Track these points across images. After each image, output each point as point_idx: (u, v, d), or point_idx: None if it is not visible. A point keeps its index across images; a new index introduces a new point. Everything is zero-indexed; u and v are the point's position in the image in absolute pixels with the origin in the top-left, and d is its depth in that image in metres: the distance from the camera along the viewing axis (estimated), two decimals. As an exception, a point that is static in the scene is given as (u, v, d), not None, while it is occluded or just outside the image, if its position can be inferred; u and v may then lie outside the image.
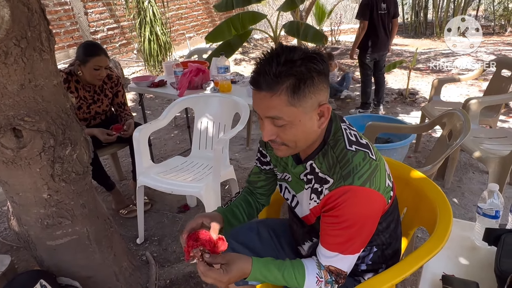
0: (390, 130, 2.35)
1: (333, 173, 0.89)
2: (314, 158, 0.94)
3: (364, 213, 0.88)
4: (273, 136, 0.88)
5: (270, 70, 0.81)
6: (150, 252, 2.07)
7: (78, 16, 5.19)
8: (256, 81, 0.83)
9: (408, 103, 4.19)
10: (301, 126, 0.86)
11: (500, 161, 1.97)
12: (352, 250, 0.92)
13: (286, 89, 0.81)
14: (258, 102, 0.86)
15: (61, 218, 1.36)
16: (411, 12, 8.18)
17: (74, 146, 1.25)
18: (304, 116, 0.85)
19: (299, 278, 0.92)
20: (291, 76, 0.81)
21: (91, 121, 2.33)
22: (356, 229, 0.89)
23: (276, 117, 0.84)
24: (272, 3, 8.81)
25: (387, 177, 0.94)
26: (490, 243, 1.09)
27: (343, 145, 0.90)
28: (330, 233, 0.91)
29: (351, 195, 0.85)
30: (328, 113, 0.89)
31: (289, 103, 0.82)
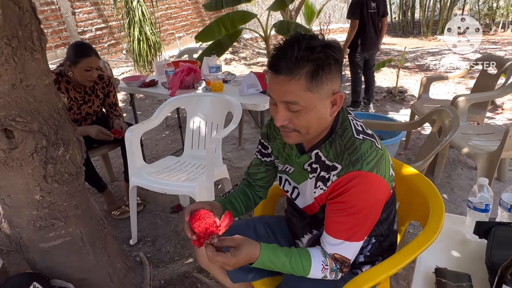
0: (381, 128, 2.38)
1: (342, 160, 0.90)
2: (320, 147, 0.96)
3: (371, 199, 0.90)
4: (286, 122, 0.89)
5: (292, 54, 0.81)
6: (144, 253, 2.05)
7: (66, 16, 5.12)
8: (275, 64, 0.84)
9: (397, 101, 4.25)
10: (315, 112, 0.87)
11: (488, 156, 2.02)
12: (357, 237, 0.93)
13: (305, 74, 0.82)
14: (275, 87, 0.86)
15: (54, 220, 1.34)
16: (398, 12, 8.29)
17: (67, 147, 1.24)
18: (319, 103, 0.86)
19: (305, 265, 0.93)
20: (311, 61, 0.82)
21: (82, 122, 2.30)
22: (363, 215, 0.90)
23: (293, 102, 0.85)
24: (261, 3, 8.82)
25: (390, 167, 0.96)
26: (481, 236, 1.12)
27: (351, 134, 0.92)
28: (337, 219, 0.92)
29: (361, 180, 0.87)
30: (341, 102, 0.90)
31: (307, 88, 0.83)
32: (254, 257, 0.91)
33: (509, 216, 1.13)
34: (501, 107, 3.79)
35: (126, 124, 2.29)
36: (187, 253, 2.04)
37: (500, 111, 3.72)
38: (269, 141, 1.13)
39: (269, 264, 0.93)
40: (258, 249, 0.91)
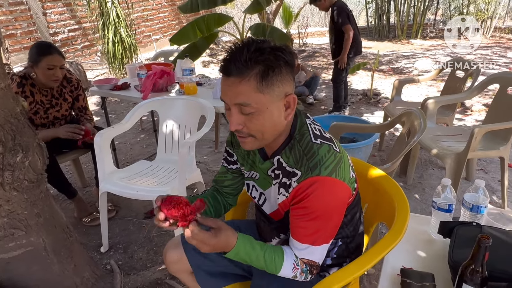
0: (353, 130, 2.42)
1: (301, 166, 0.91)
2: (280, 153, 0.96)
3: (331, 203, 0.91)
4: (240, 126, 0.89)
5: (241, 57, 0.83)
6: (115, 260, 2.00)
7: (36, 17, 4.96)
8: (226, 67, 0.85)
9: (372, 104, 4.33)
10: (268, 115, 0.87)
11: (455, 157, 2.08)
12: (322, 241, 0.94)
13: (255, 75, 0.83)
14: (227, 89, 0.86)
15: (13, 229, 1.28)
16: (374, 16, 8.47)
17: (26, 153, 1.18)
18: (271, 105, 0.86)
19: (278, 262, 0.93)
20: (261, 62, 0.83)
21: (50, 126, 2.22)
22: (325, 219, 0.91)
23: (244, 104, 0.85)
24: (240, 6, 8.83)
25: (351, 169, 0.97)
26: (445, 235, 1.14)
27: (309, 138, 0.93)
28: (300, 225, 0.93)
29: (319, 185, 0.88)
30: (294, 104, 0.91)
31: (257, 89, 0.84)
32: (231, 244, 0.90)
33: (470, 215, 1.16)
34: (470, 108, 3.93)
35: (96, 130, 2.22)
36: (160, 259, 2.00)
37: (470, 113, 3.85)
38: (233, 149, 1.13)
39: (244, 255, 0.92)
40: (236, 238, 0.91)
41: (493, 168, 2.74)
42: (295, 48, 7.40)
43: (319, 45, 7.92)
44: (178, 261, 1.23)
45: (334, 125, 2.12)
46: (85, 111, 2.33)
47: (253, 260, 0.93)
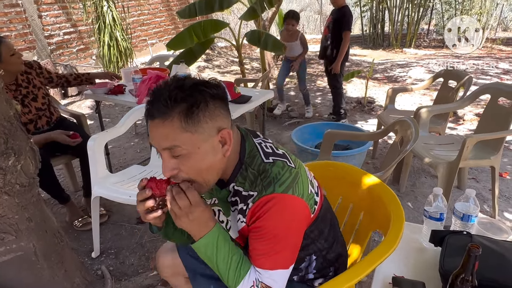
0: (347, 138, 2.43)
1: (255, 186, 0.87)
2: (234, 180, 0.91)
3: (288, 221, 0.86)
4: (175, 171, 0.82)
5: (161, 97, 0.78)
6: (106, 266, 1.98)
7: (32, 19, 4.94)
8: (149, 110, 0.80)
9: (366, 111, 4.36)
10: (202, 155, 0.82)
11: (447, 166, 2.10)
12: (281, 265, 0.88)
13: (178, 114, 0.78)
14: (154, 133, 0.81)
15: (3, 234, 1.26)
16: (369, 25, 8.58)
17: (18, 156, 1.18)
18: (203, 144, 0.81)
19: (242, 272, 0.87)
20: (183, 100, 0.78)
21: (37, 121, 2.20)
22: (282, 240, 0.86)
23: (172, 146, 0.80)
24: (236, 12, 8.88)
25: (309, 184, 0.93)
26: (436, 244, 1.15)
27: (260, 160, 0.89)
28: (257, 247, 0.88)
29: (275, 202, 0.84)
30: (230, 139, 0.85)
31: (183, 128, 0.79)
32: (209, 225, 0.87)
33: (461, 224, 1.18)
34: (462, 118, 3.98)
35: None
36: (152, 265, 1.98)
37: (462, 122, 3.90)
38: None
39: (212, 249, 0.86)
40: (214, 222, 0.88)
41: (484, 177, 2.77)
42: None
43: (314, 52, 7.98)
44: (171, 265, 1.22)
45: (328, 133, 2.13)
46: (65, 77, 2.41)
47: (219, 259, 0.87)
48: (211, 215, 0.88)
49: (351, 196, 1.35)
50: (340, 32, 3.55)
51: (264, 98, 2.54)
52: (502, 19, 9.09)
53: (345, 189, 1.36)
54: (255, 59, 7.50)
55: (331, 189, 1.35)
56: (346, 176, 1.38)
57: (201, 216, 0.85)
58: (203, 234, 0.86)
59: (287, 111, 4.35)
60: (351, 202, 1.36)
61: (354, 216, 1.34)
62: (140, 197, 0.86)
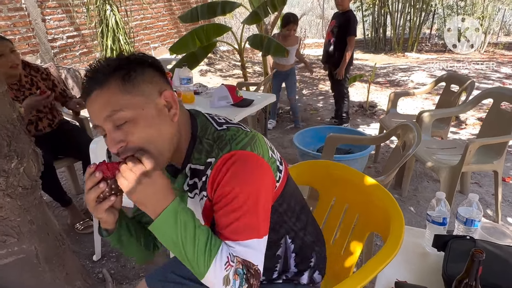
0: (349, 142, 2.43)
1: (212, 151, 0.81)
2: (190, 159, 0.84)
3: (252, 179, 0.77)
4: (122, 143, 0.75)
5: (95, 72, 0.76)
6: (108, 269, 1.97)
7: (35, 23, 4.97)
8: (85, 87, 0.76)
9: (368, 115, 4.36)
10: (148, 120, 0.75)
11: (450, 170, 2.09)
12: (253, 233, 0.78)
13: (115, 79, 0.75)
14: (93, 108, 0.75)
15: (5, 236, 1.26)
16: (371, 29, 8.59)
17: (21, 159, 1.18)
18: (146, 106, 0.76)
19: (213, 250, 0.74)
20: (119, 68, 0.76)
21: (37, 123, 2.20)
22: (249, 203, 0.77)
23: (113, 111, 0.74)
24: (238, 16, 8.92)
25: (269, 149, 0.86)
26: (439, 249, 1.14)
27: (214, 129, 0.84)
28: (224, 219, 0.78)
29: (234, 160, 0.77)
30: (175, 101, 0.80)
31: (122, 91, 0.75)
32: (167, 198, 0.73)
33: (465, 229, 1.17)
34: (465, 122, 3.97)
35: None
36: (153, 269, 1.97)
37: (464, 126, 3.89)
38: None
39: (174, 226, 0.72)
40: (173, 195, 0.74)
41: (487, 182, 2.76)
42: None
43: (316, 56, 8.00)
44: None
45: (330, 137, 2.13)
46: (66, 93, 2.36)
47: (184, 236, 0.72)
48: (169, 184, 0.75)
49: (347, 197, 1.34)
50: (344, 36, 3.56)
51: (266, 101, 2.55)
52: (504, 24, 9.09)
53: (341, 189, 1.35)
54: (257, 63, 7.52)
55: (327, 189, 1.35)
56: (342, 177, 1.37)
57: (158, 183, 0.73)
58: (162, 209, 0.72)
59: (289, 115, 4.35)
60: (346, 203, 1.35)
61: (350, 217, 1.33)
62: (90, 184, 0.74)
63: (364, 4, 8.31)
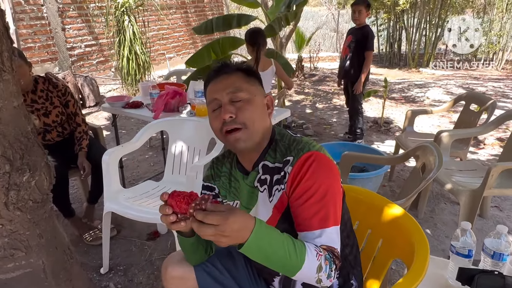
0: (365, 161, 2.37)
1: (290, 151, 0.97)
2: (264, 158, 1.01)
3: (330, 174, 0.94)
4: (233, 114, 0.95)
5: (224, 66, 1.02)
6: (115, 283, 1.94)
7: (55, 32, 5.09)
8: (216, 71, 1.01)
9: (383, 132, 4.29)
10: (256, 104, 0.98)
11: (470, 194, 2.01)
12: (332, 221, 0.92)
13: (240, 72, 1.01)
14: (217, 86, 0.98)
15: (14, 250, 1.24)
16: (386, 44, 8.54)
17: (33, 172, 1.16)
18: (258, 95, 0.99)
19: (302, 248, 0.84)
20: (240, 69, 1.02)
21: (45, 134, 2.18)
22: (329, 195, 0.92)
23: (237, 90, 0.96)
24: (253, 28, 8.97)
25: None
26: (464, 282, 1.08)
27: (290, 135, 1.03)
28: (307, 210, 0.91)
29: (314, 158, 0.93)
30: (272, 105, 1.04)
31: (245, 80, 0.99)
32: (249, 225, 0.79)
33: (492, 262, 1.10)
34: (483, 142, 3.86)
35: (88, 163, 2.18)
36: (160, 285, 1.93)
37: (482, 146, 3.78)
38: (214, 181, 1.12)
39: (265, 242, 0.80)
40: (253, 217, 0.81)
41: (508, 206, 2.65)
42: (306, 71, 7.45)
43: (330, 69, 7.97)
44: (182, 277, 1.11)
45: (346, 155, 2.08)
46: (75, 118, 2.28)
47: (275, 248, 0.81)
48: (244, 215, 0.80)
49: (369, 222, 1.30)
50: (362, 51, 3.51)
51: (280, 116, 2.51)
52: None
53: (363, 214, 1.31)
54: (270, 75, 7.52)
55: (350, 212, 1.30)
56: (365, 201, 1.32)
57: (235, 226, 0.77)
58: (247, 237, 0.79)
59: (302, 129, 4.30)
60: (369, 228, 1.30)
61: (372, 243, 1.28)
62: (162, 212, 0.84)
63: (379, 19, 8.28)
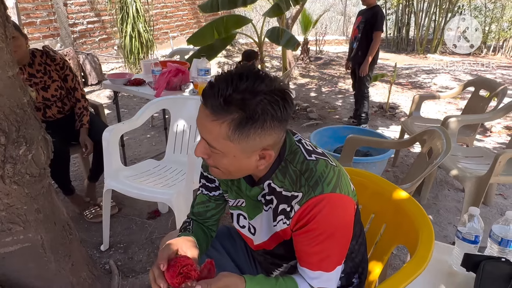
0: (371, 144, 2.32)
1: (300, 187, 0.83)
2: (271, 177, 0.87)
3: (340, 220, 0.84)
4: (205, 156, 0.82)
5: (223, 93, 0.72)
6: (115, 260, 1.94)
7: (57, 7, 4.98)
8: (205, 95, 0.75)
9: (388, 117, 4.22)
10: (235, 161, 0.79)
11: (476, 180, 1.97)
12: (334, 264, 0.87)
13: (230, 122, 0.73)
14: (200, 117, 0.77)
15: (11, 224, 1.23)
16: (393, 28, 8.35)
17: (30, 146, 1.13)
18: (240, 154, 0.78)
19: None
20: (241, 110, 0.72)
21: (45, 110, 2.13)
22: (335, 239, 0.84)
23: (212, 146, 0.78)
24: (259, 9, 8.79)
25: (350, 181, 0.91)
26: (469, 269, 1.05)
27: (303, 157, 0.85)
28: (309, 251, 0.85)
29: (326, 203, 0.80)
30: (270, 158, 0.82)
31: (227, 137, 0.75)
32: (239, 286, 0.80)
33: (499, 249, 1.07)
34: (490, 130, 3.80)
35: (90, 141, 2.15)
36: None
37: (489, 134, 3.72)
38: None
39: None
40: (243, 281, 0.80)
41: (513, 194, 2.62)
42: (312, 55, 7.32)
43: (335, 53, 7.84)
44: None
45: (351, 138, 2.03)
46: (74, 93, 2.22)
47: None
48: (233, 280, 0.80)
49: (373, 207, 1.27)
50: (371, 32, 3.41)
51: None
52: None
53: (367, 198, 1.27)
54: (275, 57, 7.41)
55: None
56: (370, 185, 1.29)
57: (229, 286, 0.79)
58: None
59: (306, 112, 4.25)
60: (372, 213, 1.27)
61: (375, 228, 1.26)
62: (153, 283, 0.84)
63: (388, 2, 8.06)
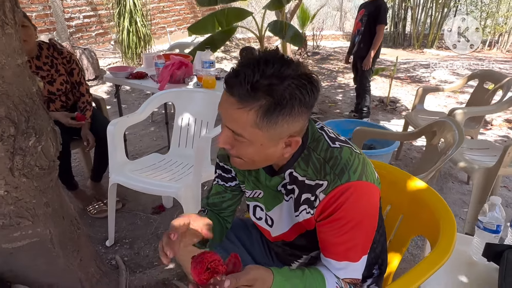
0: (379, 136, 2.31)
1: (325, 175, 0.80)
2: (293, 166, 0.85)
3: (367, 208, 0.82)
4: (229, 146, 0.79)
5: (249, 78, 0.69)
6: (121, 255, 1.91)
7: (52, 1, 4.89)
8: (230, 83, 0.72)
9: (389, 111, 4.22)
10: (261, 149, 0.77)
11: (485, 172, 1.97)
12: (361, 253, 0.85)
13: (257, 109, 0.71)
14: (225, 106, 0.74)
15: (20, 218, 1.19)
16: (390, 23, 8.33)
17: (39, 137, 1.09)
18: (267, 142, 0.76)
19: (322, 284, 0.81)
20: (269, 96, 0.70)
21: (49, 104, 2.10)
22: (361, 228, 0.82)
23: (237, 134, 0.75)
24: (255, 5, 8.73)
25: (374, 169, 0.88)
26: (490, 258, 1.04)
27: (327, 144, 0.83)
28: (335, 241, 0.82)
29: (353, 191, 0.78)
30: (296, 146, 0.80)
31: (255, 124, 0.72)
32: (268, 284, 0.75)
33: (520, 238, 1.06)
34: (491, 123, 3.81)
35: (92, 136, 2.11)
36: (167, 258, 1.90)
37: (490, 127, 3.73)
38: (230, 164, 0.96)
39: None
40: (271, 273, 0.77)
41: (517, 186, 2.63)
42: (309, 49, 7.29)
43: (332, 48, 7.82)
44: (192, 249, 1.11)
45: (358, 130, 2.02)
46: (79, 87, 2.19)
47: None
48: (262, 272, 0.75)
49: (389, 198, 1.25)
50: (375, 25, 3.38)
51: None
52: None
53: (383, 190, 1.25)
54: (273, 52, 7.36)
55: None
56: (385, 176, 1.27)
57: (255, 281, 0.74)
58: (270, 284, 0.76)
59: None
60: (389, 203, 1.26)
61: (392, 218, 1.24)
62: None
63: (385, -3, 8.04)
